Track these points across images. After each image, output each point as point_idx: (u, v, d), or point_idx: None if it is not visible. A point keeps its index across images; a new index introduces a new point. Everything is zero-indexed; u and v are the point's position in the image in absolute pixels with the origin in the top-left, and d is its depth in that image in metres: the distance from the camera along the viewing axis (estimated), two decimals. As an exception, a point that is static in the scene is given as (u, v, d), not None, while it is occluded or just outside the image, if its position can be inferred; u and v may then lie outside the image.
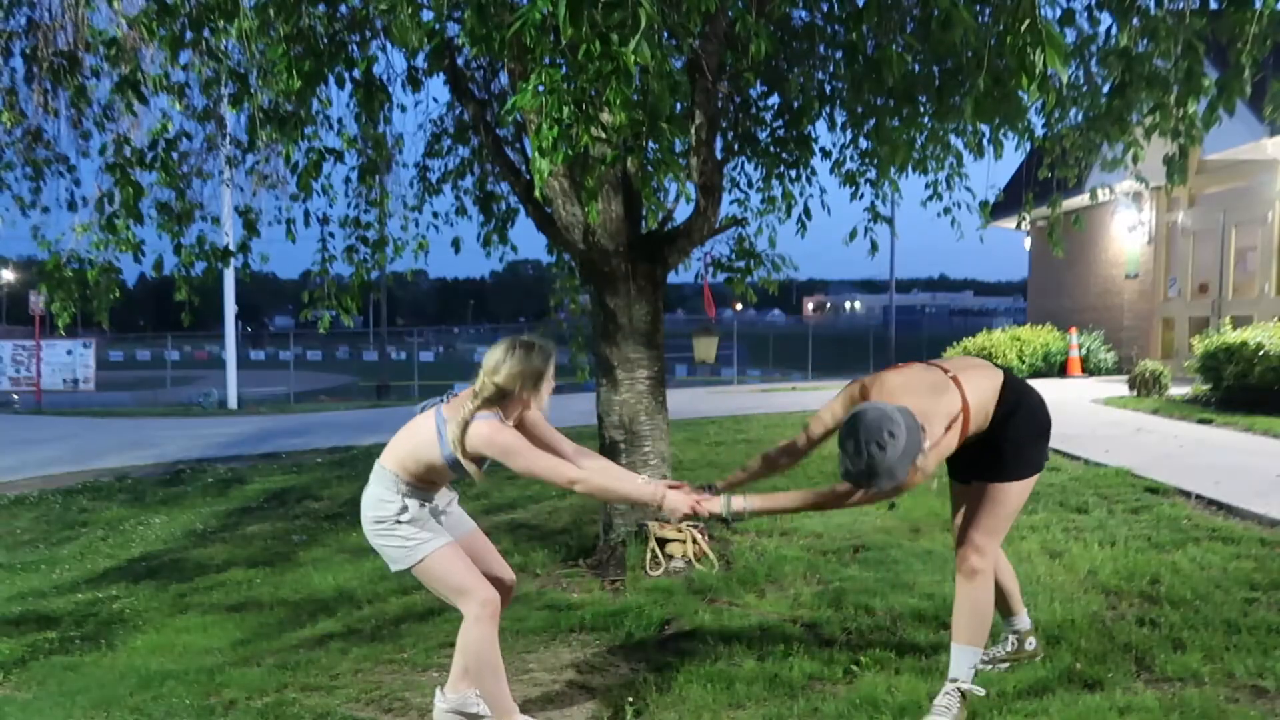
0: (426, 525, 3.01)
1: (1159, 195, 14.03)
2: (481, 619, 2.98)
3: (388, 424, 14.12)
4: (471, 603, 2.98)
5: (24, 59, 5.73)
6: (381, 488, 3.01)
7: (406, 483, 2.99)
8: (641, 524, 5.09)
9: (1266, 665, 3.33)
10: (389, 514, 2.97)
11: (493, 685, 3.03)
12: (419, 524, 2.99)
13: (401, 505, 2.97)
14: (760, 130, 6.26)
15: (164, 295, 6.96)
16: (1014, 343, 15.09)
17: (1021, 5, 3.07)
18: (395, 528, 2.98)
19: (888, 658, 3.59)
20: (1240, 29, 3.85)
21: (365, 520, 3.05)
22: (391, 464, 3.01)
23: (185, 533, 6.80)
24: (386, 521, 2.98)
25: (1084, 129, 5.50)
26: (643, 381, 5.20)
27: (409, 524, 2.97)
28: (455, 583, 2.99)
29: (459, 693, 3.22)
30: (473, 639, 2.99)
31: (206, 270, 5.84)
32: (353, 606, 4.74)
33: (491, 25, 3.61)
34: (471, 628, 2.99)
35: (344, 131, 6.11)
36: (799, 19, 5.61)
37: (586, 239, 5.09)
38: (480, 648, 2.99)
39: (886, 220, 6.39)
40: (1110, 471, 6.47)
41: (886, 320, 42.43)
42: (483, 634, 2.98)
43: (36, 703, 3.71)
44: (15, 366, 22.88)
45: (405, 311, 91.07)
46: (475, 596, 2.98)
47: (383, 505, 2.99)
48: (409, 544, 2.97)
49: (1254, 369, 8.85)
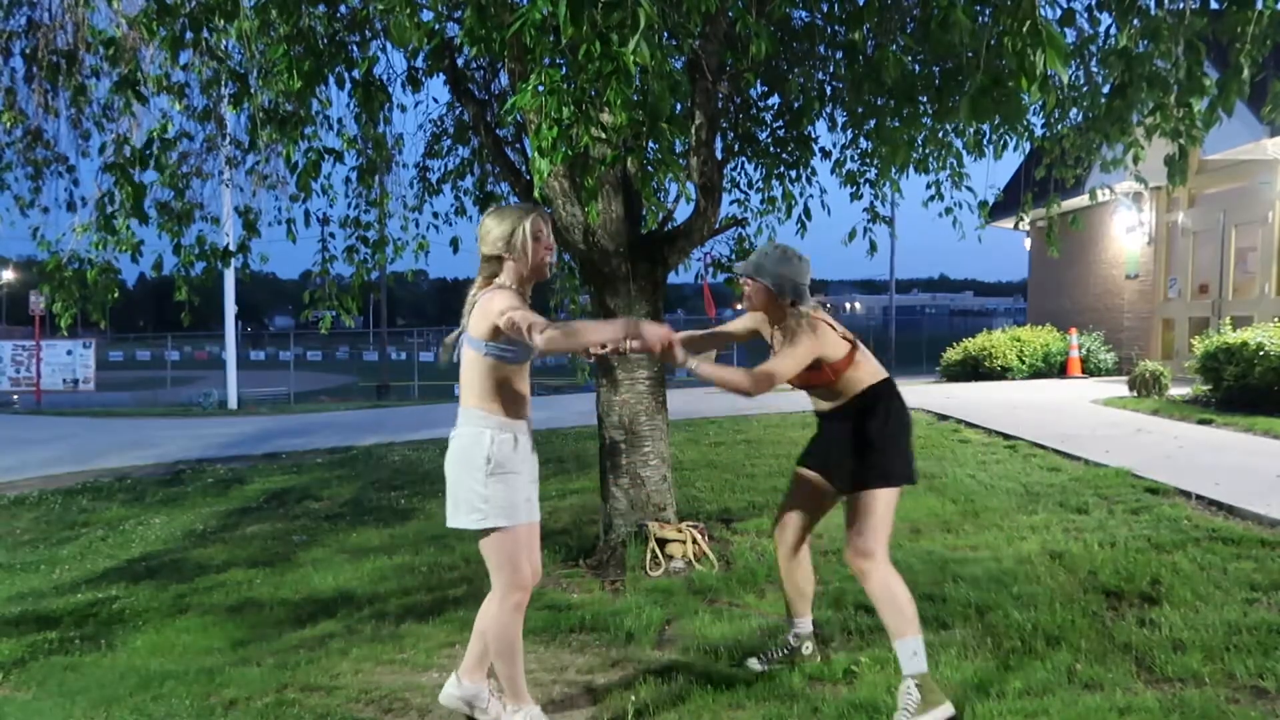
0: (512, 487, 2.96)
1: (1159, 195, 14.03)
2: (510, 602, 3.01)
3: (388, 424, 14.05)
4: (510, 587, 3.00)
5: (24, 59, 5.73)
6: (468, 425, 2.99)
7: (487, 411, 2.97)
8: (641, 524, 5.09)
9: (1267, 665, 3.33)
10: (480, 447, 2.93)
11: (509, 667, 3.06)
12: (505, 484, 2.94)
13: (489, 439, 2.93)
14: (760, 130, 6.27)
15: (164, 295, 6.97)
16: (1014, 343, 15.10)
17: (1021, 5, 3.07)
18: (483, 480, 2.92)
19: (888, 658, 3.58)
20: (1241, 29, 3.85)
21: (451, 459, 3.01)
22: (468, 399, 3.00)
23: (185, 533, 6.79)
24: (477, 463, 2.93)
25: (1084, 129, 5.50)
26: (643, 382, 5.20)
27: (496, 479, 2.92)
28: (507, 563, 2.99)
29: (475, 684, 3.23)
30: (497, 618, 3.02)
31: (206, 270, 5.84)
32: (353, 606, 4.74)
33: (491, 25, 3.62)
34: (498, 610, 3.02)
35: (344, 131, 6.11)
36: (799, 19, 5.61)
37: (587, 239, 5.09)
38: (503, 628, 3.02)
39: (886, 220, 6.40)
40: (1110, 472, 6.47)
41: (886, 320, 42.47)
42: (509, 618, 3.02)
43: (36, 703, 3.71)
44: (15, 366, 22.90)
45: (405, 312, 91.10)
46: (516, 583, 3.01)
47: (470, 438, 2.96)
48: (487, 505, 2.94)
49: (1254, 369, 8.85)
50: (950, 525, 5.48)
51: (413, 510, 7.04)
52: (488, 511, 2.95)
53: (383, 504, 7.32)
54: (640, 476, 5.20)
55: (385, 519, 6.78)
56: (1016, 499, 5.97)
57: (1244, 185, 12.40)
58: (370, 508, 7.20)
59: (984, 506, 5.81)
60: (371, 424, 13.81)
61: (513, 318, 2.81)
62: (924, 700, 3.05)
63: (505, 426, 2.98)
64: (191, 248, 5.80)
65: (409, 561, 5.51)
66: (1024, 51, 3.04)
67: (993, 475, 6.70)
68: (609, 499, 5.25)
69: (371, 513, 7.02)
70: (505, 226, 2.99)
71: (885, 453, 3.26)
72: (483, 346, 2.95)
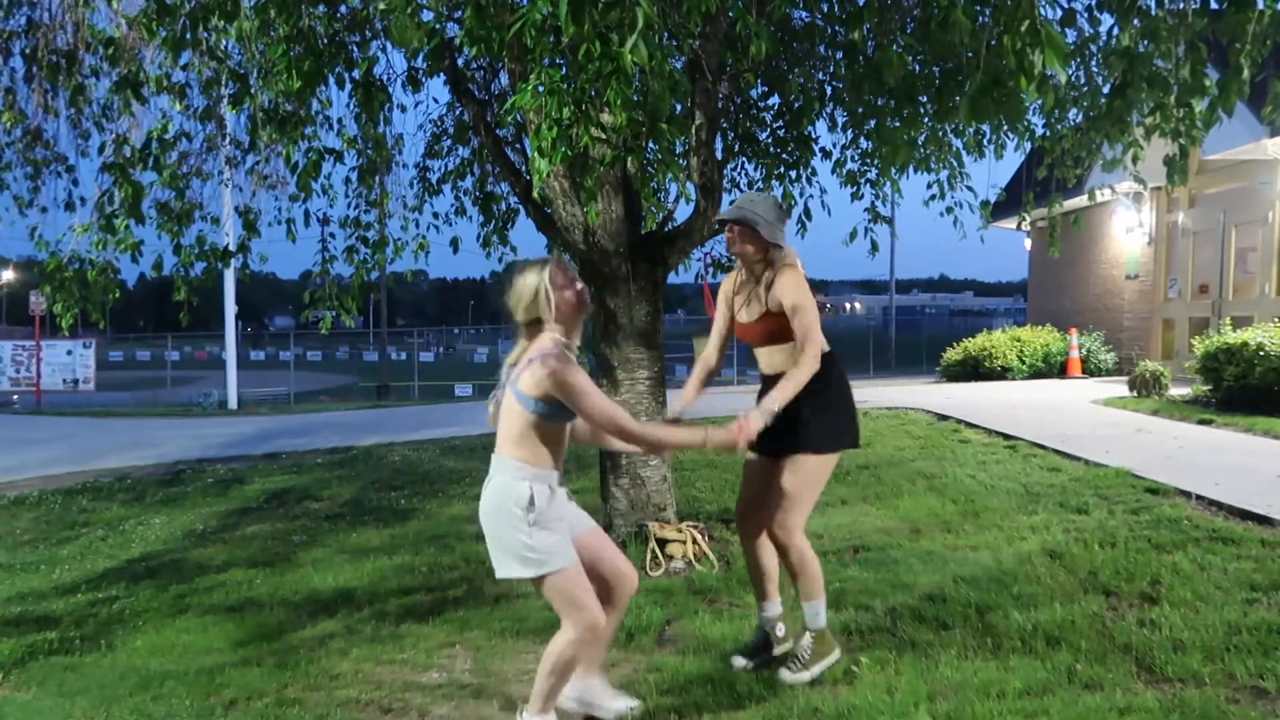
0: (556, 532, 2.94)
1: (1159, 196, 14.03)
2: (581, 641, 2.96)
3: (388, 424, 14.05)
4: (580, 623, 2.96)
5: (24, 59, 5.73)
6: (504, 475, 2.95)
7: (525, 462, 2.94)
8: (642, 524, 5.09)
9: (1267, 666, 3.33)
10: (520, 502, 2.90)
11: (550, 685, 3.03)
12: (548, 530, 2.92)
13: (529, 493, 2.90)
14: (760, 130, 6.27)
15: (164, 295, 6.96)
16: (1014, 343, 15.10)
17: (1021, 5, 3.07)
18: (526, 530, 2.89)
19: (888, 658, 3.59)
20: (1241, 29, 3.85)
21: (488, 511, 2.97)
22: (506, 449, 2.97)
23: (185, 533, 6.79)
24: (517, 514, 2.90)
25: (1084, 129, 5.50)
26: (643, 382, 5.20)
27: (539, 528, 2.90)
28: (573, 601, 2.96)
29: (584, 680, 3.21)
30: (563, 649, 2.97)
31: (206, 270, 5.85)
32: (353, 606, 4.74)
33: (491, 25, 3.62)
34: (567, 644, 2.97)
35: (344, 132, 6.12)
36: (799, 19, 5.61)
37: (587, 239, 5.09)
38: (564, 658, 2.97)
39: (886, 220, 6.40)
40: (1110, 472, 6.47)
41: (886, 320, 42.47)
42: (575, 652, 2.98)
43: (36, 703, 3.71)
44: (15, 367, 22.89)
45: (405, 312, 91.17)
46: (586, 619, 2.96)
47: (508, 491, 2.93)
48: (536, 554, 2.90)
49: (1254, 370, 8.85)
50: (950, 525, 5.48)
51: (413, 510, 7.04)
52: (538, 560, 2.91)
53: (383, 504, 7.32)
54: (640, 477, 5.20)
55: (385, 519, 6.77)
56: (1016, 499, 5.97)
57: (1244, 185, 12.40)
58: (370, 508, 7.19)
59: (984, 506, 5.81)
60: (371, 424, 13.81)
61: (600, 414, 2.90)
62: (819, 650, 3.42)
63: (541, 477, 2.95)
64: (191, 248, 5.81)
65: (409, 561, 5.51)
66: (1024, 51, 3.04)
67: (993, 475, 6.70)
68: (609, 499, 5.25)
69: (371, 513, 7.02)
70: (529, 291, 2.98)
71: (826, 420, 3.37)
72: (531, 404, 2.91)
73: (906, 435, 8.79)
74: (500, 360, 3.22)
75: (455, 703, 3.49)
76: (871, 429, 9.16)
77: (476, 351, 39.97)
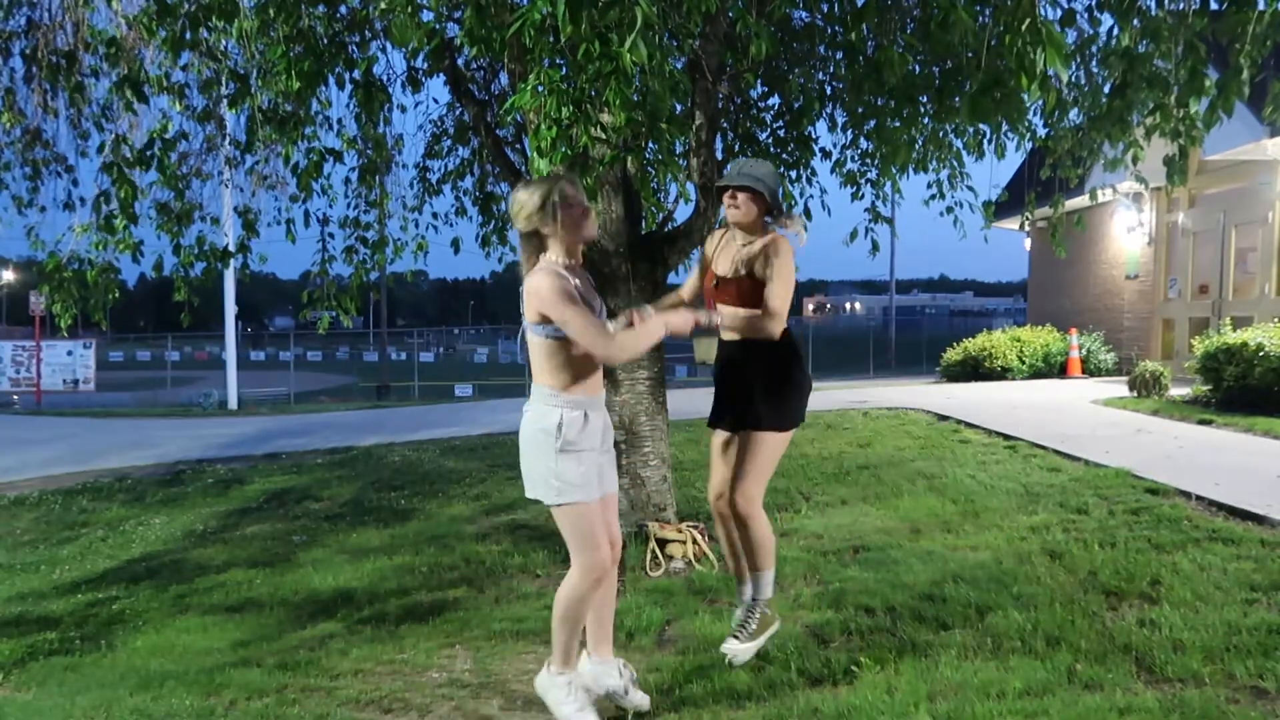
0: (583, 463, 2.98)
1: (1159, 196, 14.03)
2: (588, 580, 3.04)
3: (388, 424, 14.04)
4: (586, 563, 3.03)
5: (24, 59, 5.73)
6: (537, 402, 3.00)
7: (556, 389, 2.97)
8: (642, 524, 5.09)
9: (1267, 666, 3.33)
10: (548, 429, 2.94)
11: (567, 635, 3.11)
12: (575, 459, 2.96)
13: (558, 419, 2.94)
14: (760, 130, 6.27)
15: (164, 296, 6.97)
16: (1014, 343, 15.10)
17: (1021, 5, 3.07)
18: (553, 456, 2.94)
19: (888, 658, 3.59)
20: (1241, 29, 3.85)
21: (523, 437, 3.02)
22: (539, 377, 3.01)
23: (185, 533, 6.80)
24: (544, 440, 2.95)
25: (1085, 129, 5.50)
26: (643, 382, 5.20)
27: (565, 455, 2.94)
28: (585, 536, 3.02)
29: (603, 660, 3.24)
30: (573, 590, 3.05)
31: (206, 270, 5.84)
32: (353, 606, 4.74)
33: (491, 25, 3.62)
34: (577, 583, 3.04)
35: (344, 132, 6.12)
36: (799, 19, 5.61)
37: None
38: (574, 601, 3.06)
39: (887, 220, 6.40)
40: (1110, 472, 6.46)
41: (886, 320, 42.49)
42: (584, 592, 3.05)
43: (36, 703, 3.71)
44: (15, 367, 22.88)
45: (405, 312, 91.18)
46: (596, 557, 3.03)
47: (539, 418, 2.98)
48: (559, 482, 2.96)
49: (1254, 370, 8.84)
50: (950, 525, 5.48)
51: (413, 510, 7.04)
52: (560, 488, 2.98)
53: (383, 504, 7.32)
54: (640, 477, 5.20)
55: (385, 519, 6.77)
56: (1016, 499, 5.97)
57: (1244, 185, 12.40)
58: (370, 508, 7.19)
59: (984, 506, 5.80)
60: (371, 424, 13.80)
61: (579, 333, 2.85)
62: (765, 620, 3.54)
63: (575, 404, 2.98)
64: (191, 248, 5.80)
65: (409, 561, 5.51)
66: (1024, 51, 3.04)
67: (993, 475, 6.69)
68: (609, 499, 5.24)
69: (371, 513, 7.02)
70: (535, 199, 2.96)
71: (785, 397, 3.44)
72: (540, 330, 2.94)
73: (906, 435, 8.79)
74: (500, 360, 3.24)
75: (455, 703, 3.49)
76: (871, 429, 9.16)
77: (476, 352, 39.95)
